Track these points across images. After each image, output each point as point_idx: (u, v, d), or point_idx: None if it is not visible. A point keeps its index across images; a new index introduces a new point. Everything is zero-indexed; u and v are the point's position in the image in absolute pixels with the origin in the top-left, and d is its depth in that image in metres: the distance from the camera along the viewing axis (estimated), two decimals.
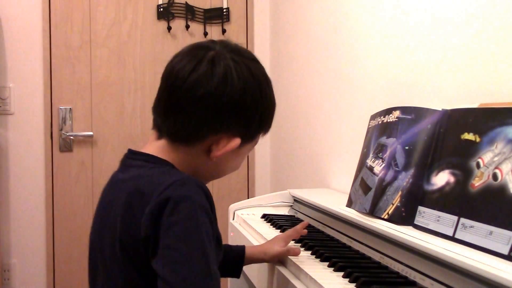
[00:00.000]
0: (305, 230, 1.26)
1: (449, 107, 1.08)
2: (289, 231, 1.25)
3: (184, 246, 0.81)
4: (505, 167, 0.86)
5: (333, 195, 1.79)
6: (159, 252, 0.82)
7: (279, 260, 1.19)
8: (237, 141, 0.94)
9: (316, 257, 1.16)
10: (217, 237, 0.94)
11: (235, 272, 1.19)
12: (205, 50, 0.94)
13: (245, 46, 3.02)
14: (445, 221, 0.96)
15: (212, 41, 0.98)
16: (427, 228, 1.00)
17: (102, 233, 0.97)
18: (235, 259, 1.19)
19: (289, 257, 1.16)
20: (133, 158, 0.97)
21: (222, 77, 0.91)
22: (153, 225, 0.83)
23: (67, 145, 2.84)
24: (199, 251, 0.82)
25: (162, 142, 0.96)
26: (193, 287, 0.80)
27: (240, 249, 1.20)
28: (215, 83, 0.90)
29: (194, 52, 0.94)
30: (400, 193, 1.09)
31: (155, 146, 0.96)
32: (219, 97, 0.90)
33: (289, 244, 1.22)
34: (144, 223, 0.84)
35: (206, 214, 0.85)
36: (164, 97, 0.95)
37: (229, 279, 1.88)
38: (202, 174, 0.99)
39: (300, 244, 1.27)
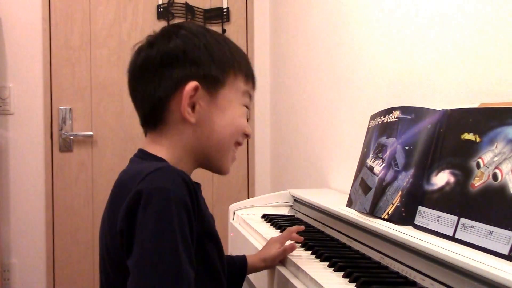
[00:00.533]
0: (302, 226, 1.25)
1: (449, 107, 1.08)
2: (283, 233, 1.25)
3: (154, 246, 0.76)
4: (505, 167, 0.86)
5: (333, 195, 1.79)
6: (133, 249, 0.78)
7: (279, 262, 1.19)
8: (191, 84, 0.90)
9: (316, 257, 1.16)
10: (209, 232, 0.90)
11: (238, 285, 1.19)
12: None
13: (245, 46, 3.03)
14: (445, 221, 0.96)
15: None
16: (427, 228, 1.00)
17: (101, 227, 0.96)
18: (237, 272, 1.17)
19: (289, 257, 1.15)
20: (134, 154, 0.98)
21: (148, 44, 0.95)
22: (128, 219, 0.80)
23: (67, 145, 2.84)
24: (170, 250, 0.76)
25: (148, 137, 0.97)
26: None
27: (242, 260, 1.19)
28: (145, 51, 0.94)
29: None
30: (400, 193, 1.09)
31: (146, 144, 0.97)
32: (152, 55, 0.93)
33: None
34: (120, 217, 0.81)
35: (183, 207, 0.79)
36: (128, 87, 0.99)
37: None
38: (207, 151, 0.95)
39: (300, 244, 1.27)
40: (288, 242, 1.25)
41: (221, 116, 0.94)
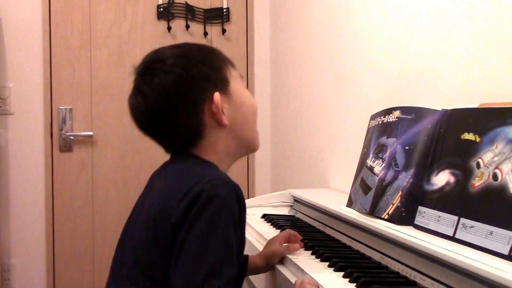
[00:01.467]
0: (300, 238, 1.26)
1: (449, 107, 1.08)
2: (283, 233, 1.26)
3: (200, 242, 0.87)
4: (505, 167, 0.86)
5: (333, 195, 1.79)
6: (178, 243, 0.89)
7: (279, 259, 1.19)
8: (216, 95, 0.99)
9: (316, 257, 1.16)
10: (241, 240, 0.98)
11: (237, 284, 1.19)
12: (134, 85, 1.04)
13: (245, 46, 3.03)
14: (445, 221, 0.96)
15: (135, 68, 1.05)
16: (427, 228, 1.00)
17: (140, 211, 1.02)
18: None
19: (289, 257, 1.15)
20: (172, 158, 1.06)
21: (152, 90, 0.99)
22: (185, 215, 0.89)
23: (67, 145, 2.84)
24: (213, 251, 0.87)
25: (189, 153, 1.02)
26: (196, 282, 0.85)
27: (243, 260, 1.19)
28: (154, 95, 0.99)
29: (131, 92, 1.04)
30: (400, 193, 1.09)
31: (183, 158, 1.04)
32: (166, 94, 0.98)
33: None
34: (179, 211, 0.90)
35: (231, 218, 0.90)
36: (147, 134, 1.05)
37: None
38: (244, 140, 1.05)
39: (299, 238, 1.27)
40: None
41: (243, 107, 1.05)
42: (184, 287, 0.87)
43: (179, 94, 0.98)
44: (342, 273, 1.02)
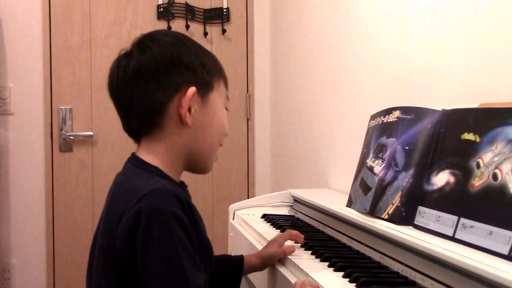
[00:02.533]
0: (301, 237, 1.26)
1: (449, 107, 1.08)
2: (283, 234, 1.26)
3: (160, 263, 0.84)
4: (505, 167, 0.86)
5: (333, 195, 1.79)
6: (140, 267, 0.86)
7: (277, 261, 1.19)
8: (192, 89, 0.94)
9: (316, 257, 1.16)
10: (202, 241, 0.95)
11: (235, 284, 1.19)
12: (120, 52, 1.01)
13: (245, 46, 3.03)
14: (445, 221, 0.96)
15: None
16: (427, 228, 1.00)
17: (96, 236, 1.01)
18: (233, 271, 1.18)
19: (289, 257, 1.16)
20: (128, 160, 1.02)
21: (139, 52, 0.96)
22: (128, 238, 0.86)
23: (67, 145, 2.84)
24: (176, 265, 0.85)
25: (142, 144, 0.99)
26: None
27: (239, 261, 1.20)
28: (135, 61, 0.95)
29: (115, 60, 1.02)
30: (400, 193, 1.09)
31: (140, 151, 1.00)
32: (146, 63, 0.94)
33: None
34: (120, 235, 0.88)
35: (179, 224, 0.86)
36: (114, 103, 1.01)
37: None
38: (197, 152, 0.99)
39: (300, 244, 1.27)
40: (289, 242, 1.25)
41: (211, 119, 0.99)
42: None
43: (159, 69, 0.94)
44: (342, 273, 1.02)
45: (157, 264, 0.85)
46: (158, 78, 0.94)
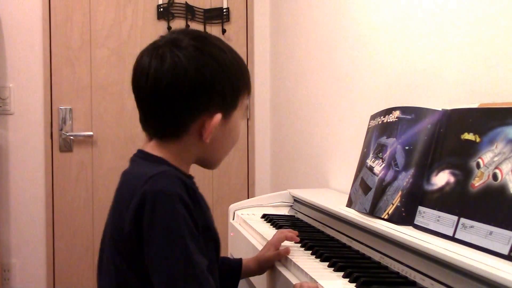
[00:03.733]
0: (297, 238, 1.26)
1: (449, 107, 1.08)
2: (278, 235, 1.25)
3: (165, 242, 0.86)
4: (505, 167, 0.86)
5: (333, 195, 1.79)
6: (145, 250, 0.88)
7: (274, 264, 1.19)
8: (218, 117, 0.95)
9: (316, 257, 1.16)
10: (208, 227, 0.96)
11: (232, 285, 1.19)
12: (154, 45, 0.98)
13: (245, 46, 3.03)
14: (445, 221, 0.96)
15: (163, 36, 1.00)
16: (427, 228, 1.00)
17: (106, 227, 1.01)
18: (230, 273, 1.18)
19: (289, 257, 1.16)
20: (135, 155, 1.02)
21: (172, 66, 0.93)
22: (135, 221, 0.88)
23: (67, 145, 2.84)
24: (180, 245, 0.86)
25: (153, 143, 0.99)
26: (177, 282, 0.85)
27: (237, 265, 1.20)
28: (170, 74, 0.93)
29: (147, 51, 0.98)
30: (400, 193, 1.09)
31: (149, 146, 1.00)
32: (180, 84, 0.93)
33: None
34: (127, 218, 0.89)
35: (184, 205, 0.88)
36: (136, 99, 0.98)
37: None
38: (208, 158, 1.02)
39: (300, 244, 1.27)
40: (287, 243, 1.25)
41: (229, 135, 1.02)
42: None
43: (190, 92, 0.93)
44: (342, 273, 1.02)
45: (162, 243, 0.86)
46: (187, 101, 0.94)
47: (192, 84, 0.93)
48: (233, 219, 1.79)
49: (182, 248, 0.86)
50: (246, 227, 1.61)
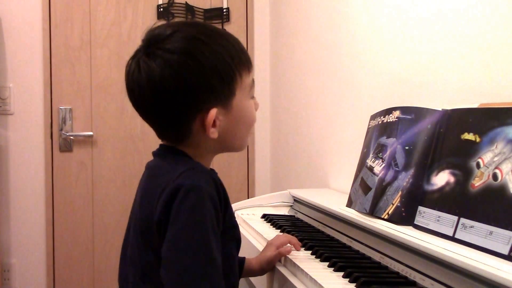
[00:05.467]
0: (299, 247, 1.25)
1: (449, 107, 1.08)
2: (282, 237, 1.25)
3: (188, 234, 0.86)
4: (505, 167, 0.86)
5: (333, 195, 1.79)
6: (166, 237, 0.88)
7: (275, 265, 1.19)
8: (212, 112, 0.93)
9: (316, 257, 1.16)
10: (233, 225, 0.99)
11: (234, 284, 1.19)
12: (136, 52, 0.96)
13: (245, 46, 3.02)
14: (445, 221, 0.96)
15: (142, 39, 0.98)
16: (427, 228, 1.00)
17: (131, 216, 1.02)
18: None
19: (289, 257, 1.15)
20: (158, 149, 1.03)
21: (148, 80, 0.92)
22: (165, 211, 0.88)
23: (67, 145, 2.84)
24: (202, 239, 0.86)
25: (168, 142, 1.01)
26: (192, 275, 0.85)
27: (240, 263, 1.19)
28: (149, 88, 0.92)
29: (130, 62, 0.97)
30: (400, 193, 1.09)
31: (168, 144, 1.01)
32: (162, 96, 0.92)
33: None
34: (158, 208, 0.89)
35: (213, 204, 0.89)
36: (132, 101, 0.98)
37: None
38: (229, 147, 1.02)
39: (300, 245, 1.27)
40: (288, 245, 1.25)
41: (239, 121, 0.99)
42: (178, 284, 0.85)
43: (179, 91, 0.91)
44: (342, 273, 1.02)
45: (186, 235, 0.86)
46: (174, 107, 0.93)
47: (173, 92, 0.91)
48: None
49: (203, 240, 0.86)
50: (246, 227, 1.61)
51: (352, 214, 1.23)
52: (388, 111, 1.23)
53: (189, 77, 0.91)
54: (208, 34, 0.96)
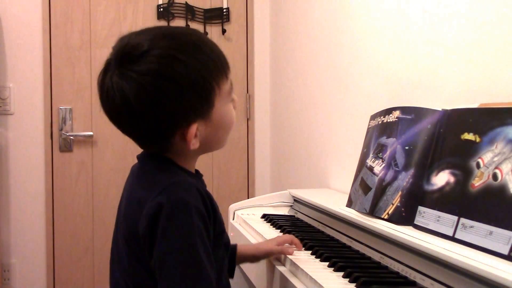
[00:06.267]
0: (301, 247, 1.25)
1: (449, 107, 1.08)
2: (285, 236, 1.26)
3: (178, 253, 0.86)
4: (505, 167, 0.86)
5: (333, 195, 1.79)
6: (155, 255, 0.87)
7: (271, 256, 1.19)
8: (193, 128, 0.91)
9: (316, 257, 1.16)
10: (221, 231, 0.96)
11: (229, 272, 1.19)
12: (103, 70, 0.93)
13: (245, 46, 3.03)
14: (445, 221, 0.96)
15: (111, 52, 0.95)
16: (427, 228, 1.00)
17: (117, 225, 1.01)
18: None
19: (289, 257, 1.15)
20: (142, 153, 1.02)
21: (123, 101, 0.89)
22: (150, 227, 0.87)
23: (67, 145, 2.84)
24: (194, 256, 0.86)
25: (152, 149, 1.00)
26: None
27: (232, 248, 1.19)
28: (125, 109, 0.90)
29: (100, 77, 0.94)
30: (400, 193, 1.09)
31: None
32: (140, 118, 0.90)
33: None
34: (142, 221, 0.88)
35: (201, 218, 0.88)
36: (108, 116, 0.97)
37: None
38: (210, 149, 1.00)
39: (301, 245, 1.27)
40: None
41: (219, 127, 0.97)
42: None
43: (155, 109, 0.88)
44: (342, 273, 1.02)
45: (175, 253, 0.85)
46: (156, 121, 0.90)
47: (150, 114, 0.89)
48: (233, 219, 1.79)
49: (195, 258, 0.85)
50: (246, 227, 1.61)
51: (352, 214, 1.23)
52: (388, 111, 1.23)
53: (166, 100, 0.88)
54: (184, 49, 0.90)
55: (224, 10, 2.94)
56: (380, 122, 1.25)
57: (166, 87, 0.87)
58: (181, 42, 0.91)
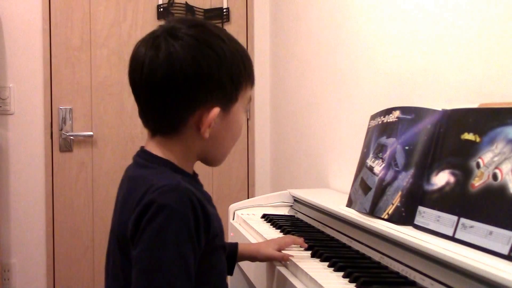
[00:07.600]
0: (305, 244, 1.24)
1: (449, 107, 1.08)
2: (287, 237, 1.25)
3: (150, 257, 0.84)
4: (505, 167, 0.86)
5: (333, 195, 1.79)
6: (133, 254, 0.86)
7: (270, 261, 1.19)
8: (215, 111, 0.92)
9: (316, 257, 1.16)
10: (215, 234, 0.93)
11: (228, 269, 1.19)
12: (151, 35, 0.95)
13: (245, 46, 3.03)
14: (445, 221, 0.96)
15: (161, 25, 0.97)
16: (427, 228, 1.00)
17: (112, 227, 1.01)
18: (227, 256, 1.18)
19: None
20: (139, 155, 1.00)
21: (167, 57, 0.90)
22: (135, 227, 0.87)
23: (67, 145, 2.84)
24: (160, 261, 0.83)
25: (156, 139, 0.97)
26: None
27: (233, 247, 1.20)
28: (165, 65, 0.90)
29: (144, 42, 0.95)
30: (400, 193, 1.09)
31: (152, 145, 0.98)
32: (175, 76, 0.90)
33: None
34: (131, 223, 0.88)
35: (184, 226, 0.85)
36: (133, 91, 0.96)
37: (228, 277, 1.87)
38: (210, 155, 1.00)
39: (302, 249, 1.27)
40: (292, 246, 1.25)
41: (231, 129, 0.99)
42: None
43: (186, 85, 0.90)
44: (342, 273, 1.02)
45: (145, 254, 0.84)
46: (183, 93, 0.91)
47: (188, 75, 0.90)
48: (233, 219, 1.79)
49: (160, 265, 0.83)
50: (246, 227, 1.61)
51: (352, 214, 1.23)
52: (388, 111, 1.23)
53: (208, 68, 0.91)
54: (229, 37, 0.99)
55: (224, 10, 2.94)
56: (380, 122, 1.25)
57: (210, 55, 0.92)
58: (228, 34, 1.01)
